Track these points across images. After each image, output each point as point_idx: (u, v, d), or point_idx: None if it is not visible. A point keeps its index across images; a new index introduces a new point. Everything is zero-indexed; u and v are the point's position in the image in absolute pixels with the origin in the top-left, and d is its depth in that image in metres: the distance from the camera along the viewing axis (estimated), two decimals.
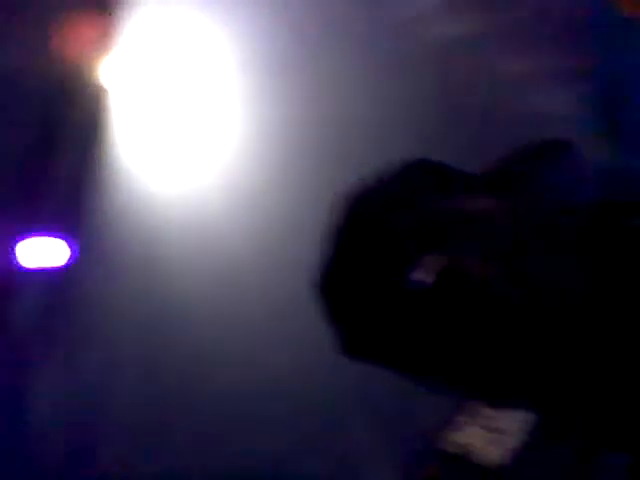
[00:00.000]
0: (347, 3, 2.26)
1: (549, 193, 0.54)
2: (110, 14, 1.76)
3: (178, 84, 2.00)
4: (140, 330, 1.96)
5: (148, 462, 1.97)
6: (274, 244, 2.12)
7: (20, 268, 1.83)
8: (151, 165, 1.98)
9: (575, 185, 0.55)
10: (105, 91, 1.87)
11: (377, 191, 0.55)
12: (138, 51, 1.92)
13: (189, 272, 2.02)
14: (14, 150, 1.80)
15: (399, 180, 0.55)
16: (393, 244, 0.49)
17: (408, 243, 0.49)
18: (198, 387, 2.01)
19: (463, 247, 0.47)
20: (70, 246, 1.88)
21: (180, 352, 1.99)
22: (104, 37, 1.79)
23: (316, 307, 0.55)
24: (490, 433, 2.08)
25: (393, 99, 2.30)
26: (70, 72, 1.78)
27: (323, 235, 0.55)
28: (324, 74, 2.20)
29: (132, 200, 1.96)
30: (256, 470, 2.05)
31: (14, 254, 1.81)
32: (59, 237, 1.88)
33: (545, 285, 0.43)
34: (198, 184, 2.05)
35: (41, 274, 1.90)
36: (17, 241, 1.82)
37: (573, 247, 0.46)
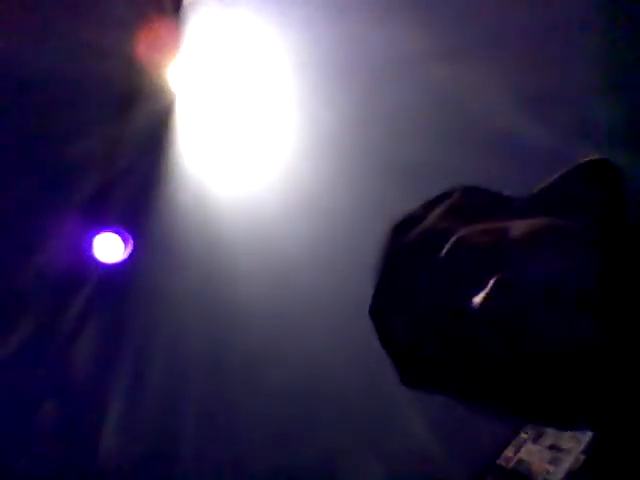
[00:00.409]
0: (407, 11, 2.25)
1: (597, 212, 0.53)
2: (176, 19, 1.81)
3: (239, 88, 2.04)
4: (203, 325, 2.02)
5: (210, 454, 2.01)
6: (330, 246, 2.14)
7: (95, 262, 1.92)
8: (213, 166, 2.03)
9: (619, 204, 0.54)
10: (172, 94, 1.92)
11: (427, 214, 0.55)
12: (202, 55, 1.97)
13: (248, 271, 2.06)
14: (86, 152, 1.88)
15: (446, 205, 0.54)
16: (444, 267, 0.49)
17: (459, 266, 0.49)
18: (256, 384, 2.05)
19: (526, 267, 0.46)
20: (139, 242, 1.96)
21: (239, 349, 2.03)
22: (171, 41, 1.85)
23: (370, 321, 0.55)
24: (550, 451, 2.03)
25: (449, 114, 2.27)
26: (139, 75, 1.84)
27: (375, 254, 0.55)
28: (378, 81, 2.20)
29: (195, 200, 2.02)
30: (311, 468, 2.07)
31: (90, 249, 1.90)
32: (130, 234, 1.95)
33: (595, 304, 0.43)
34: (258, 186, 2.08)
35: (114, 267, 1.98)
36: (92, 236, 1.90)
37: (628, 265, 0.45)
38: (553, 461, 1.94)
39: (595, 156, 0.53)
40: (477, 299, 0.45)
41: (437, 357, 0.49)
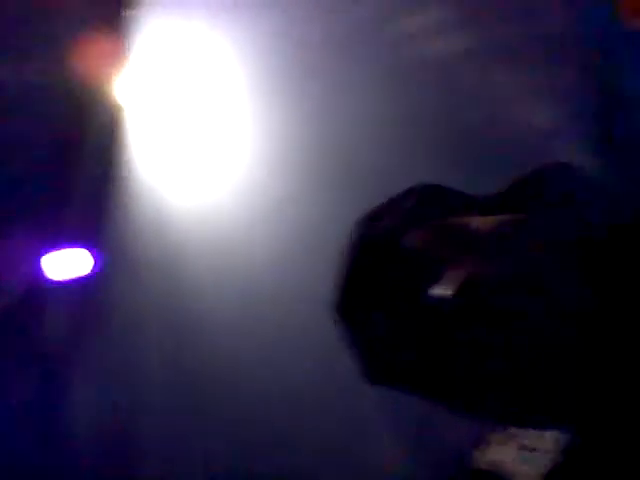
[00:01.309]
0: (349, 19, 2.26)
1: (558, 212, 0.53)
2: (123, 30, 1.79)
3: (191, 98, 2.02)
4: (164, 340, 1.98)
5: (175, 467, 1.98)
6: (292, 255, 2.12)
7: (46, 280, 1.87)
8: (168, 177, 2.00)
9: (580, 204, 0.54)
10: (121, 106, 1.90)
11: (391, 212, 0.54)
12: (150, 66, 1.95)
13: (210, 283, 2.03)
14: (35, 166, 1.84)
15: (413, 201, 0.54)
16: (410, 261, 0.48)
17: (426, 260, 0.48)
18: (221, 394, 2.01)
19: (482, 262, 0.45)
20: (94, 257, 1.92)
21: (203, 360, 1.99)
22: (118, 53, 1.82)
23: (334, 325, 0.54)
24: (523, 451, 2.00)
25: (407, 116, 2.28)
26: (86, 88, 1.81)
27: (340, 254, 0.54)
28: (336, 88, 2.20)
29: (151, 212, 1.99)
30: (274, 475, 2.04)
31: (40, 267, 1.85)
32: (83, 249, 1.91)
33: (560, 298, 0.43)
34: (217, 195, 2.06)
35: (66, 285, 1.93)
36: (43, 254, 1.86)
37: (585, 262, 0.45)
38: (526, 461, 1.92)
39: (558, 160, 0.54)
40: (444, 292, 0.45)
41: (406, 352, 0.48)
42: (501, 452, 1.99)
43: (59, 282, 1.91)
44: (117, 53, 1.85)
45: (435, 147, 2.33)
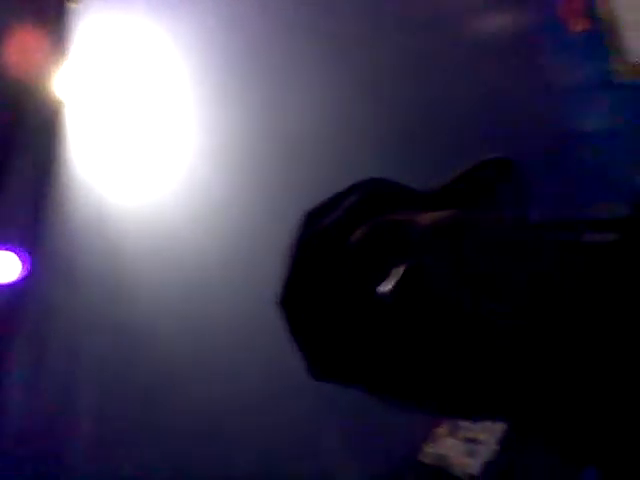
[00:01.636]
0: (303, 18, 2.27)
1: (504, 207, 0.54)
2: (62, 24, 1.71)
3: (132, 94, 1.96)
4: (105, 345, 1.91)
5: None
6: (235, 254, 2.10)
7: None
8: (111, 176, 1.93)
9: (521, 201, 0.55)
10: (60, 103, 1.82)
11: (335, 207, 0.54)
12: (90, 61, 1.88)
13: (152, 284, 1.98)
14: None
15: (358, 196, 0.54)
16: (354, 258, 0.48)
17: (370, 256, 0.48)
18: (164, 399, 1.97)
19: (428, 257, 0.46)
20: (27, 260, 1.82)
21: (143, 364, 1.94)
22: (56, 49, 1.75)
23: (279, 323, 0.54)
24: (466, 444, 2.07)
25: (350, 113, 2.31)
26: (23, 84, 1.73)
27: (284, 249, 0.54)
28: (279, 86, 2.19)
29: (93, 212, 1.91)
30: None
31: None
32: (16, 251, 1.82)
33: (505, 295, 0.43)
34: (159, 195, 2.01)
35: (4, 289, 1.84)
36: None
37: (532, 258, 0.46)
38: (470, 453, 1.98)
39: (498, 154, 0.55)
40: (385, 288, 0.45)
41: (350, 347, 0.48)
42: (447, 445, 2.05)
43: None
44: (56, 47, 1.77)
45: (382, 143, 2.36)
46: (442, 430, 2.11)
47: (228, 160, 2.15)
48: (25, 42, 1.67)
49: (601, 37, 2.70)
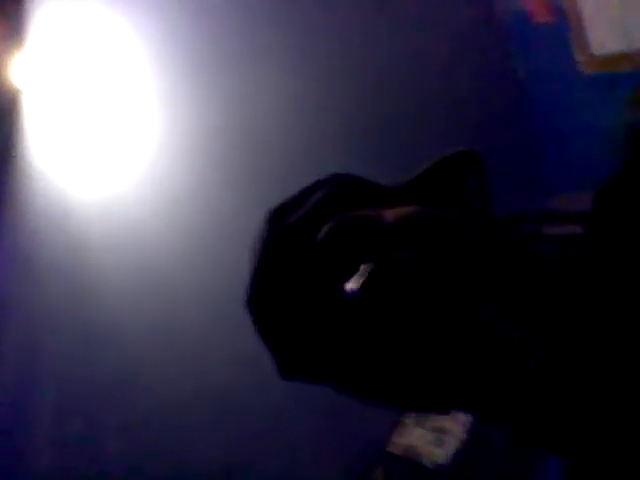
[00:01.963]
0: (268, 8, 2.24)
1: (469, 200, 0.54)
2: (18, 13, 1.66)
3: (94, 84, 1.91)
4: (64, 344, 1.87)
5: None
6: (198, 248, 2.08)
7: None
8: (69, 169, 1.88)
9: (485, 193, 0.55)
10: (17, 91, 1.76)
11: (300, 204, 0.53)
12: (50, 51, 1.82)
13: (113, 281, 1.94)
14: None
15: (324, 192, 0.53)
16: (322, 255, 0.48)
17: (338, 253, 0.48)
18: (128, 399, 1.94)
19: (394, 253, 0.45)
20: None
21: (107, 362, 1.91)
22: (13, 37, 1.69)
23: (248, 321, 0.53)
24: (434, 433, 2.09)
25: (317, 106, 2.30)
26: None
27: (249, 247, 0.53)
28: (242, 79, 2.17)
29: (51, 206, 1.86)
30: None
31: None
32: None
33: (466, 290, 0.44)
34: (119, 188, 1.96)
35: None
36: None
37: (494, 251, 0.46)
38: (438, 443, 2.00)
39: (463, 147, 0.54)
40: (353, 285, 0.45)
41: (318, 345, 0.48)
42: (415, 435, 2.07)
43: None
44: (12, 36, 1.71)
45: (350, 136, 2.35)
46: (409, 420, 2.12)
47: (191, 152, 2.12)
48: None
49: (565, 29, 2.74)
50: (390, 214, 0.47)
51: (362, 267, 0.45)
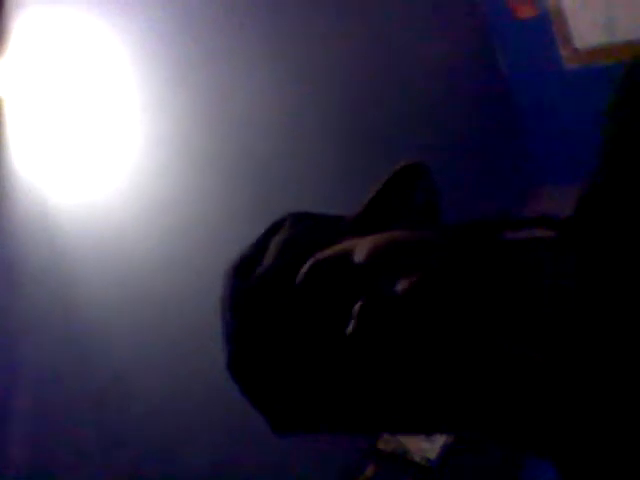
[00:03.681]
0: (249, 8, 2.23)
1: (418, 212, 0.54)
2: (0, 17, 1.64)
3: (75, 87, 1.90)
4: (46, 351, 1.85)
5: None
6: (180, 253, 2.07)
7: None
8: (51, 173, 1.87)
9: (434, 203, 0.55)
10: (0, 100, 1.75)
11: (264, 250, 0.52)
12: (31, 56, 1.81)
13: (96, 287, 1.93)
14: None
15: (282, 236, 0.53)
16: (310, 301, 0.47)
17: (328, 297, 0.47)
18: (116, 404, 1.93)
19: (383, 286, 0.45)
20: None
21: (89, 367, 1.89)
22: None
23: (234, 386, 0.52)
24: None
25: (299, 101, 2.29)
26: None
27: (219, 308, 0.52)
28: (227, 81, 2.16)
29: (33, 211, 1.85)
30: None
31: None
32: None
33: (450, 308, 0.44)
34: (102, 193, 1.95)
35: None
36: None
37: (459, 265, 0.46)
38: (428, 438, 2.01)
39: (408, 161, 0.54)
40: (351, 327, 0.44)
41: (311, 393, 0.47)
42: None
43: None
44: None
45: (330, 130, 2.35)
46: None
47: (175, 157, 2.11)
48: None
49: (547, 24, 2.74)
50: (360, 247, 0.46)
51: (354, 308, 0.43)
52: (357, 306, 0.44)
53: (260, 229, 0.60)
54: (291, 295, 0.47)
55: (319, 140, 2.32)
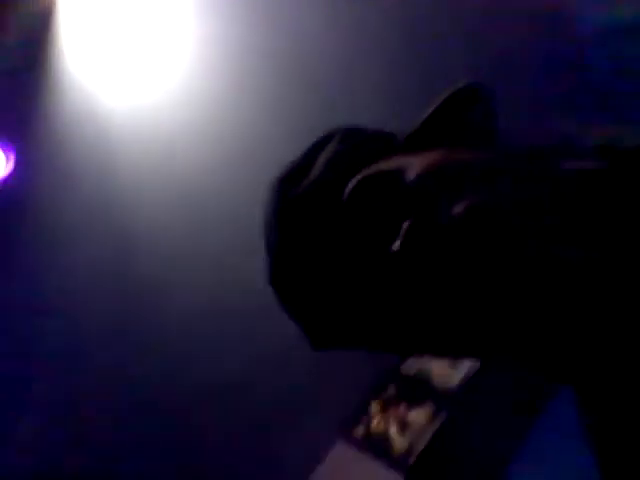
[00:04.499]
0: None
1: (475, 133, 0.52)
2: None
3: None
4: (98, 252, 1.90)
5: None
6: (232, 167, 2.06)
7: None
8: (103, 76, 1.86)
9: (491, 124, 0.53)
10: None
11: (313, 162, 0.51)
12: None
13: (146, 191, 1.95)
14: None
15: (334, 148, 0.51)
16: (353, 216, 0.46)
17: (375, 212, 0.45)
18: (160, 307, 2.00)
19: (437, 205, 0.43)
20: (17, 156, 1.78)
21: (140, 275, 1.95)
22: None
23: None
24: (402, 424, 2.12)
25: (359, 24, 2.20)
26: None
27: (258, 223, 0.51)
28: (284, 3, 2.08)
29: (85, 112, 1.85)
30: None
31: None
32: (11, 149, 1.78)
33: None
34: (153, 98, 1.94)
35: None
36: None
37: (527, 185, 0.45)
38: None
39: (465, 81, 0.52)
40: (395, 245, 0.43)
41: (353, 309, 0.47)
42: (384, 422, 2.08)
43: None
44: None
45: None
46: (376, 406, 2.16)
47: (227, 65, 2.07)
48: None
49: None
50: (413, 166, 0.45)
51: (404, 225, 0.42)
52: (405, 225, 0.43)
53: (309, 142, 0.58)
54: (337, 209, 0.46)
55: (372, 57, 2.24)
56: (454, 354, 0.52)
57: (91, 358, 1.95)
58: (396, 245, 0.43)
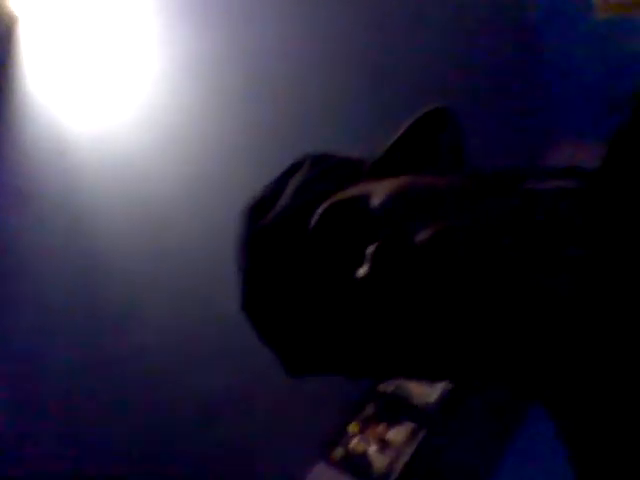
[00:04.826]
0: None
1: (443, 157, 0.52)
2: None
3: (92, 12, 1.85)
4: (60, 278, 1.87)
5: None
6: (194, 182, 2.06)
7: None
8: (65, 98, 1.84)
9: (459, 148, 0.53)
10: (14, 18, 1.71)
11: (281, 191, 0.51)
12: None
13: (107, 214, 1.93)
14: None
15: (301, 176, 0.51)
16: (319, 243, 0.46)
17: (342, 239, 0.46)
18: (129, 328, 1.97)
19: (399, 231, 0.43)
20: None
21: (101, 290, 1.92)
22: None
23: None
24: (381, 443, 2.12)
25: (323, 38, 2.23)
26: None
27: (235, 246, 0.51)
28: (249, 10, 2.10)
29: (47, 136, 1.83)
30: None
31: None
32: None
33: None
34: (116, 120, 1.92)
35: None
36: None
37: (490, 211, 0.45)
38: (382, 452, 2.04)
39: (433, 105, 0.52)
40: (359, 271, 0.43)
41: (325, 336, 0.46)
42: (363, 442, 2.09)
43: None
44: None
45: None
46: (355, 427, 2.17)
47: (190, 84, 2.07)
48: None
49: None
50: (377, 192, 0.45)
51: (369, 250, 0.43)
52: (371, 249, 0.43)
53: (277, 166, 0.58)
54: (305, 237, 0.46)
55: (343, 78, 2.26)
56: (426, 378, 0.52)
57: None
58: (361, 271, 0.43)
